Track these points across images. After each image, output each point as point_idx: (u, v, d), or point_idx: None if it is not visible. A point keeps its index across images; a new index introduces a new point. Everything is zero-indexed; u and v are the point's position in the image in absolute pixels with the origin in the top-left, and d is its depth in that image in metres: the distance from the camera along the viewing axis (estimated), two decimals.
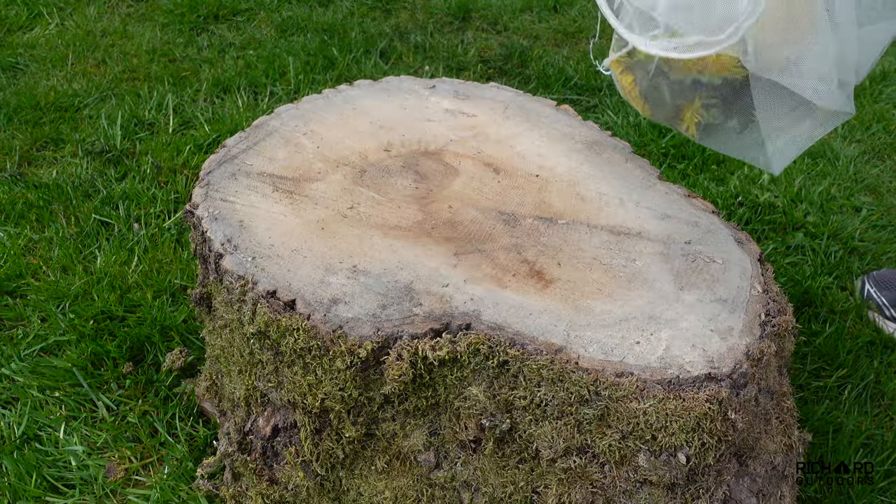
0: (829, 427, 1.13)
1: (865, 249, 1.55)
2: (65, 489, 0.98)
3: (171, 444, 1.03)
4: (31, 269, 1.31)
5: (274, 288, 0.71)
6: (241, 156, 0.89)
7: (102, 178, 1.55)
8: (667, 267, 0.77)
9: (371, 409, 0.71)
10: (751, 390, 0.66)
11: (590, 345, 0.66)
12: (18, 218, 1.43)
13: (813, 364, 1.26)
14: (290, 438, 0.79)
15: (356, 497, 0.78)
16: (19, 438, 1.04)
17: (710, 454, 0.65)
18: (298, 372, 0.71)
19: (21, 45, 2.07)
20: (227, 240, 0.76)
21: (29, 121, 1.73)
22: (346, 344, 0.67)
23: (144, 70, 1.99)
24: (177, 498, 0.97)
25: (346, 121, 0.97)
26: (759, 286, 0.76)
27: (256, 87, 1.94)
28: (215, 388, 1.00)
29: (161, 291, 1.27)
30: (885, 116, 2.05)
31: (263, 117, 0.97)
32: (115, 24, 2.23)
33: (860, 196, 1.73)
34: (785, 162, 0.77)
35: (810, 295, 1.39)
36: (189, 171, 1.59)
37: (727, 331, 0.69)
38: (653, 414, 0.63)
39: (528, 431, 0.67)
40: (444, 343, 0.66)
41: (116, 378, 1.12)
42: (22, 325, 1.21)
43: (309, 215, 0.80)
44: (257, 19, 2.33)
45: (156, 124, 1.76)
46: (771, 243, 1.53)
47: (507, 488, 0.71)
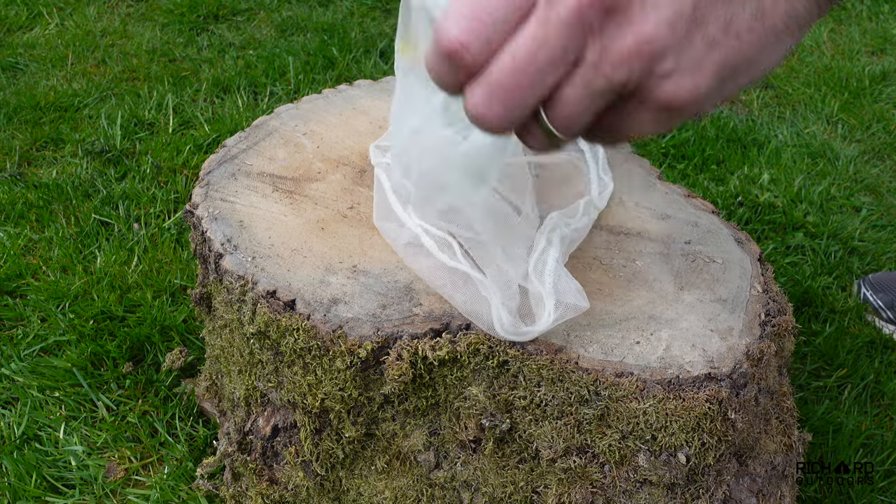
0: (829, 427, 1.13)
1: (865, 249, 1.55)
2: (65, 489, 0.98)
3: (171, 444, 1.03)
4: (31, 269, 1.31)
5: (274, 288, 0.71)
6: (241, 156, 0.89)
7: (102, 178, 1.55)
8: (667, 267, 0.77)
9: (371, 409, 0.71)
10: (751, 390, 0.66)
11: (590, 345, 0.66)
12: (18, 218, 1.43)
13: (813, 364, 1.26)
14: (290, 438, 0.79)
15: (356, 497, 0.78)
16: (19, 438, 1.04)
17: (710, 454, 0.65)
18: (298, 372, 0.71)
19: (21, 45, 2.07)
20: (226, 240, 0.76)
21: (29, 121, 1.73)
22: (346, 344, 0.67)
23: (144, 70, 1.99)
24: (177, 498, 0.97)
25: (346, 121, 0.97)
26: (759, 286, 0.76)
27: (256, 87, 1.94)
28: (215, 388, 1.00)
29: (161, 291, 1.27)
30: (885, 116, 2.05)
31: (263, 117, 0.97)
32: (115, 24, 2.23)
33: (860, 196, 1.73)
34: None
35: (810, 295, 1.39)
36: (189, 171, 1.59)
37: (727, 331, 0.69)
38: (653, 414, 0.63)
39: (528, 431, 0.67)
40: (444, 343, 0.66)
41: (116, 378, 1.12)
42: (22, 325, 1.21)
43: (309, 215, 0.81)
44: (257, 19, 2.33)
45: (156, 124, 1.76)
46: (771, 243, 1.53)
47: (507, 488, 0.71)
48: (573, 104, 0.39)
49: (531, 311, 0.66)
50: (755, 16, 0.37)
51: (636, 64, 0.37)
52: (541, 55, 0.38)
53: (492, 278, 0.66)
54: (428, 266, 0.69)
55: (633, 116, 0.40)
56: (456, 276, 0.67)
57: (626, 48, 0.37)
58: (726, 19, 0.37)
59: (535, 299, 0.66)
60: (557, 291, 0.64)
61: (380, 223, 0.75)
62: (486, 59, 0.39)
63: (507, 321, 0.63)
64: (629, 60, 0.37)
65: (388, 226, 0.75)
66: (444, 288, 0.67)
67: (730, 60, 0.38)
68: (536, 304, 0.66)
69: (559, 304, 0.64)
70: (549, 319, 0.63)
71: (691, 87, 0.38)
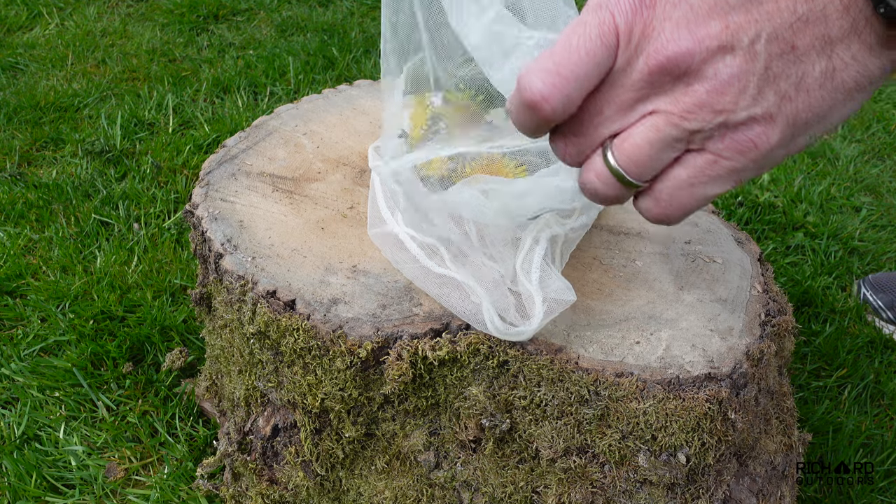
0: (829, 427, 1.13)
1: (865, 249, 1.55)
2: (65, 489, 0.98)
3: (171, 444, 1.03)
4: (30, 269, 1.31)
5: (274, 288, 0.71)
6: (241, 156, 0.89)
7: (102, 178, 1.55)
8: (667, 267, 0.77)
9: (371, 409, 0.71)
10: (751, 390, 0.66)
11: (590, 344, 0.66)
12: (18, 218, 1.43)
13: (813, 364, 1.26)
14: (290, 438, 0.79)
15: (356, 497, 0.78)
16: (19, 438, 1.04)
17: (710, 454, 0.65)
18: (298, 372, 0.71)
19: (21, 45, 2.07)
20: (226, 240, 0.76)
21: (29, 121, 1.73)
22: (346, 344, 0.67)
23: (144, 70, 1.99)
24: (177, 498, 0.97)
25: (346, 121, 0.97)
26: (759, 286, 0.76)
27: (256, 87, 1.94)
28: (215, 388, 1.00)
29: (161, 291, 1.27)
30: (884, 116, 2.05)
31: (263, 117, 0.97)
32: (115, 24, 2.23)
33: (860, 196, 1.73)
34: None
35: (810, 295, 1.39)
36: (189, 171, 1.59)
37: (727, 331, 0.69)
38: (653, 414, 0.63)
39: (528, 431, 0.67)
40: (444, 343, 0.66)
41: (116, 378, 1.12)
42: (22, 325, 1.21)
43: (309, 215, 0.81)
44: (257, 19, 2.33)
45: (156, 124, 1.76)
46: (771, 243, 1.53)
47: (507, 488, 0.71)
48: (641, 143, 0.41)
49: (526, 311, 0.66)
50: (825, 74, 0.38)
51: (707, 115, 0.39)
52: (614, 104, 0.42)
53: (480, 282, 0.66)
54: (416, 271, 0.70)
55: (702, 172, 0.42)
56: (445, 281, 0.68)
57: (698, 100, 0.39)
58: (798, 76, 0.38)
59: (527, 298, 0.66)
60: (543, 288, 0.65)
61: (373, 231, 0.75)
62: (565, 113, 0.42)
63: (499, 322, 0.63)
64: (701, 111, 0.39)
65: (379, 231, 0.75)
66: (437, 294, 0.68)
67: (801, 114, 0.39)
68: (528, 302, 0.66)
69: (545, 301, 0.64)
70: (539, 316, 0.63)
71: (764, 137, 0.39)
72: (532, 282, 0.65)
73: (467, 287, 0.66)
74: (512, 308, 0.65)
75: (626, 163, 0.42)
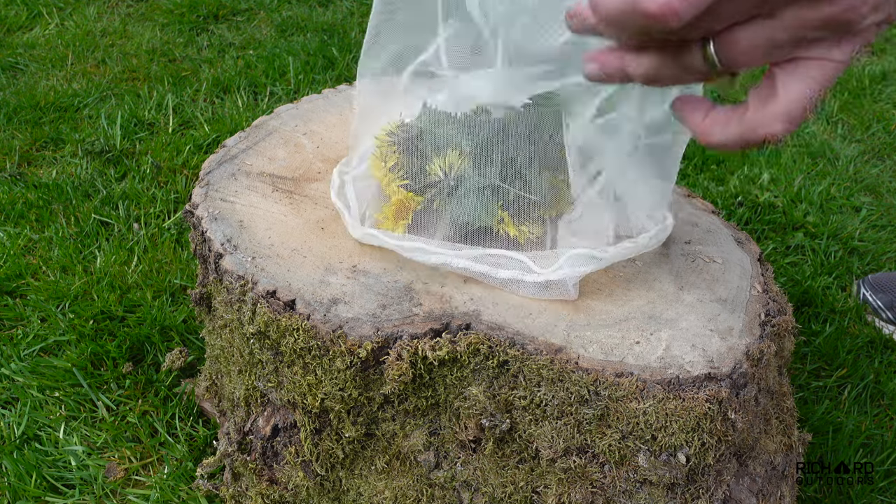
0: (829, 427, 1.13)
1: (865, 249, 1.55)
2: (65, 489, 0.98)
3: (171, 444, 1.03)
4: (30, 269, 1.31)
5: (274, 288, 0.71)
6: (241, 156, 0.89)
7: (102, 178, 1.55)
8: (667, 267, 0.77)
9: (371, 409, 0.71)
10: (751, 390, 0.66)
11: (590, 344, 0.66)
12: (18, 218, 1.43)
13: (813, 364, 1.26)
14: (290, 438, 0.79)
15: (356, 497, 0.78)
16: (19, 438, 1.04)
17: (710, 454, 0.65)
18: (298, 372, 0.71)
19: (21, 45, 2.07)
20: (226, 240, 0.76)
21: (29, 121, 1.73)
22: (346, 344, 0.67)
23: (144, 70, 1.99)
24: (177, 498, 0.97)
25: (346, 121, 0.97)
26: (759, 286, 0.76)
27: (256, 87, 1.94)
28: (215, 388, 1.00)
29: (161, 291, 1.27)
30: (885, 116, 2.05)
31: (263, 117, 0.97)
32: (115, 24, 2.23)
33: (860, 196, 1.73)
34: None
35: (810, 295, 1.39)
36: (189, 171, 1.59)
37: (727, 331, 0.69)
38: (653, 414, 0.63)
39: (528, 431, 0.67)
40: (444, 343, 0.66)
41: (116, 378, 1.12)
42: (22, 325, 1.21)
43: (309, 215, 0.81)
44: (257, 19, 2.33)
45: (156, 124, 1.76)
46: (771, 243, 1.53)
47: (507, 488, 0.71)
48: (751, 47, 0.42)
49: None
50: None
51: (832, 26, 0.41)
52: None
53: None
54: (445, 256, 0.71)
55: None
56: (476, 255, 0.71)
57: (825, 15, 0.40)
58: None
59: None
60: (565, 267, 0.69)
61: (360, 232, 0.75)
62: (687, 32, 0.41)
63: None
64: (826, 25, 0.41)
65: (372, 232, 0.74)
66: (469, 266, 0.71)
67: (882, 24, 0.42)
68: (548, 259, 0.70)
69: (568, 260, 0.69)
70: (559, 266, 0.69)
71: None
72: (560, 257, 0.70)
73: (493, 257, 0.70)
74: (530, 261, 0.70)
75: (729, 61, 0.43)
